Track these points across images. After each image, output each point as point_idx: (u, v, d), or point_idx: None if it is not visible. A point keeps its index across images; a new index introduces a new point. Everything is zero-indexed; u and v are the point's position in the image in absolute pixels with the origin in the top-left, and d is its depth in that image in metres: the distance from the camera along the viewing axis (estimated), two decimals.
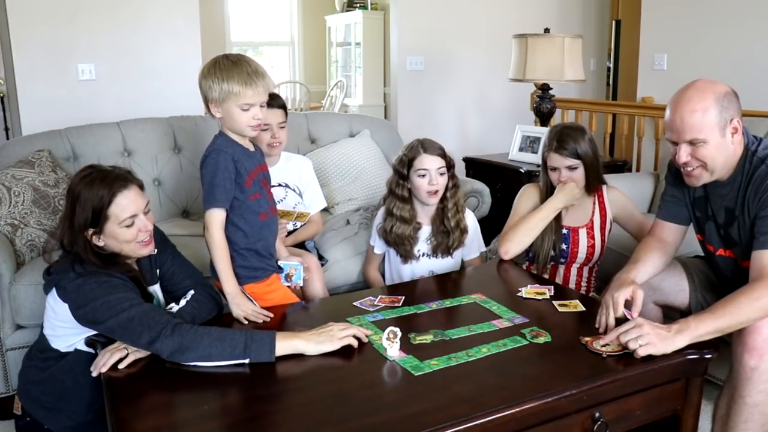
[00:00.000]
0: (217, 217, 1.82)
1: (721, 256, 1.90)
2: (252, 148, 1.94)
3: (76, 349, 1.70)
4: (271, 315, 1.80)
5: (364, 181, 3.07)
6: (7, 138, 3.86)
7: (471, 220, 2.36)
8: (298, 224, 2.47)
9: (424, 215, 2.31)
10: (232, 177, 1.83)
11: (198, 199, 2.93)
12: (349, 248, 2.64)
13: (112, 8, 3.64)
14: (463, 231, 2.28)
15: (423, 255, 2.30)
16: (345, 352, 1.60)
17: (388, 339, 1.54)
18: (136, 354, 1.53)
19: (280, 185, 2.52)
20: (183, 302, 1.72)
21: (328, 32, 7.32)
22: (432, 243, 2.29)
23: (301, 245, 2.52)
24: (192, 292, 1.77)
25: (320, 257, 2.57)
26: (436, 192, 2.22)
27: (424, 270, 2.30)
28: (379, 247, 2.41)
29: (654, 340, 1.50)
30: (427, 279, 2.20)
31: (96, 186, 1.62)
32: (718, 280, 1.98)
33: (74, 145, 2.75)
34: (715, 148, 1.70)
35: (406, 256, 2.28)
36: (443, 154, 2.23)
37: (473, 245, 2.37)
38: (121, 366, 1.51)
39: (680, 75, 3.90)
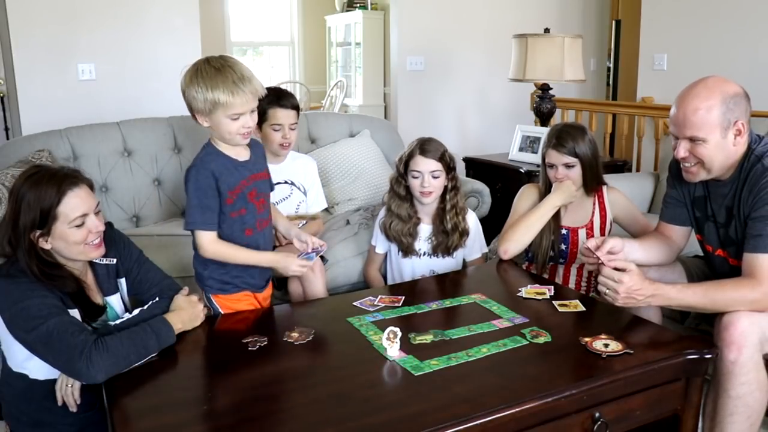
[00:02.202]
0: (206, 237, 1.79)
1: (720, 257, 1.90)
2: (243, 157, 1.84)
3: (29, 379, 1.61)
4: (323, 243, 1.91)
5: (364, 181, 3.07)
6: (7, 138, 3.86)
7: (473, 220, 2.37)
8: (301, 223, 2.48)
9: (425, 214, 2.31)
10: (215, 194, 1.77)
11: None
12: (350, 248, 2.64)
13: (112, 8, 3.64)
14: (462, 233, 2.28)
15: (424, 254, 2.30)
16: (345, 351, 1.60)
17: (388, 339, 1.54)
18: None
19: (285, 183, 2.53)
20: (136, 311, 1.65)
21: (328, 32, 7.32)
22: (432, 242, 2.29)
23: None
24: (154, 300, 1.73)
25: (321, 257, 2.56)
26: (429, 193, 2.22)
27: (425, 269, 2.30)
28: (380, 246, 2.41)
29: (619, 303, 1.70)
30: (427, 279, 2.20)
31: (43, 185, 1.55)
32: (717, 279, 1.99)
33: (74, 145, 2.75)
34: (715, 148, 1.71)
35: (406, 251, 2.29)
36: (441, 157, 2.23)
37: (475, 246, 2.37)
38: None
39: (680, 75, 3.90)
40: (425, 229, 2.31)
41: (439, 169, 2.22)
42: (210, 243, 1.79)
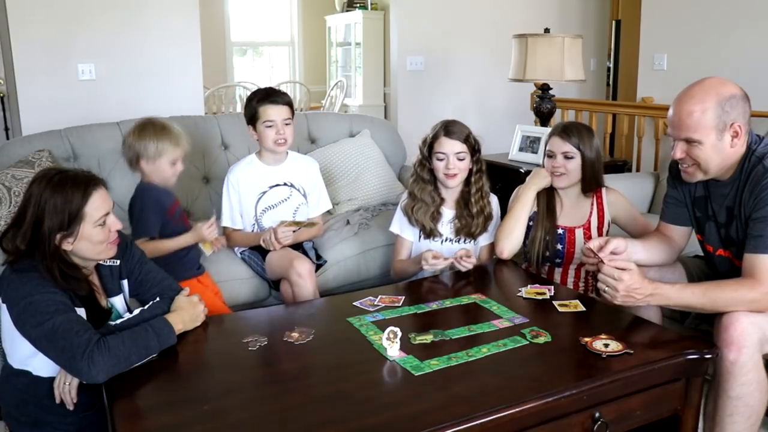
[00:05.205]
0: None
1: (721, 257, 1.90)
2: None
3: (32, 375, 1.62)
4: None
5: (364, 181, 3.07)
6: (7, 138, 3.86)
7: (495, 203, 2.36)
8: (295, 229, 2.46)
9: (448, 197, 2.30)
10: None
11: (198, 199, 2.93)
12: (349, 248, 2.65)
13: (112, 8, 3.64)
14: (488, 218, 2.28)
15: (446, 240, 2.29)
16: (345, 351, 1.60)
17: (388, 339, 1.54)
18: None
19: (285, 185, 2.52)
20: (137, 311, 1.67)
21: (328, 32, 7.31)
22: (456, 225, 2.28)
23: (299, 246, 2.52)
24: (155, 300, 1.74)
25: (318, 257, 2.56)
26: (454, 175, 2.22)
27: (447, 255, 2.27)
28: (407, 232, 2.34)
29: (617, 301, 1.70)
30: (427, 279, 2.20)
31: (68, 188, 1.58)
32: (717, 280, 1.99)
33: (74, 145, 2.75)
34: (710, 150, 1.72)
35: (429, 234, 2.27)
36: (466, 139, 2.23)
37: (488, 227, 2.33)
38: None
39: (680, 75, 3.90)
40: (448, 213, 2.30)
41: (464, 151, 2.22)
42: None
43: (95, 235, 1.62)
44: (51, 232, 1.56)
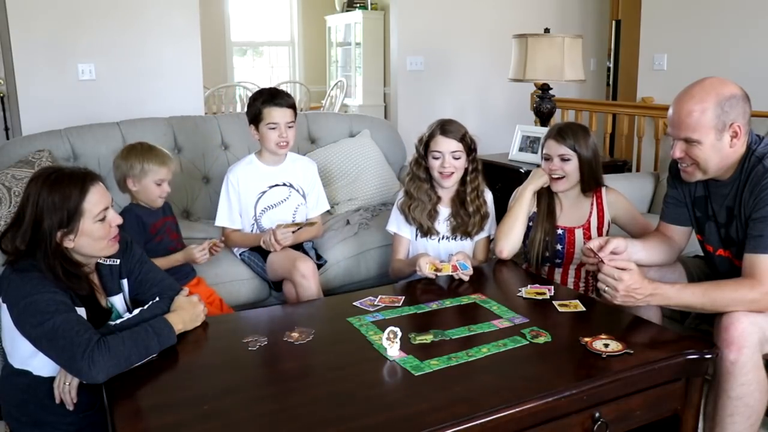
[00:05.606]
0: None
1: (721, 257, 1.90)
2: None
3: (32, 375, 1.62)
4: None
5: (364, 181, 3.07)
6: (7, 138, 3.85)
7: (489, 199, 2.35)
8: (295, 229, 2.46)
9: (444, 195, 2.30)
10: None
11: (198, 199, 2.93)
12: (349, 248, 2.64)
13: (112, 8, 3.64)
14: (484, 217, 2.28)
15: (442, 238, 2.29)
16: (345, 351, 1.60)
17: (388, 339, 1.54)
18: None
19: (284, 185, 2.52)
20: (137, 311, 1.66)
21: (328, 32, 7.32)
22: (451, 224, 2.28)
23: (299, 246, 2.52)
24: (154, 300, 1.73)
25: (319, 257, 2.56)
26: (450, 174, 2.21)
27: (443, 254, 2.28)
28: (404, 230, 2.33)
29: (617, 301, 1.70)
30: (427, 279, 2.20)
31: (65, 185, 1.58)
32: (717, 280, 1.99)
33: (74, 145, 2.75)
34: (710, 150, 1.72)
35: (426, 232, 2.27)
36: (462, 138, 2.22)
37: (484, 225, 2.33)
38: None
39: (680, 75, 3.90)
40: (444, 211, 2.29)
41: (460, 150, 2.21)
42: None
43: (96, 231, 1.62)
44: (51, 230, 1.56)
